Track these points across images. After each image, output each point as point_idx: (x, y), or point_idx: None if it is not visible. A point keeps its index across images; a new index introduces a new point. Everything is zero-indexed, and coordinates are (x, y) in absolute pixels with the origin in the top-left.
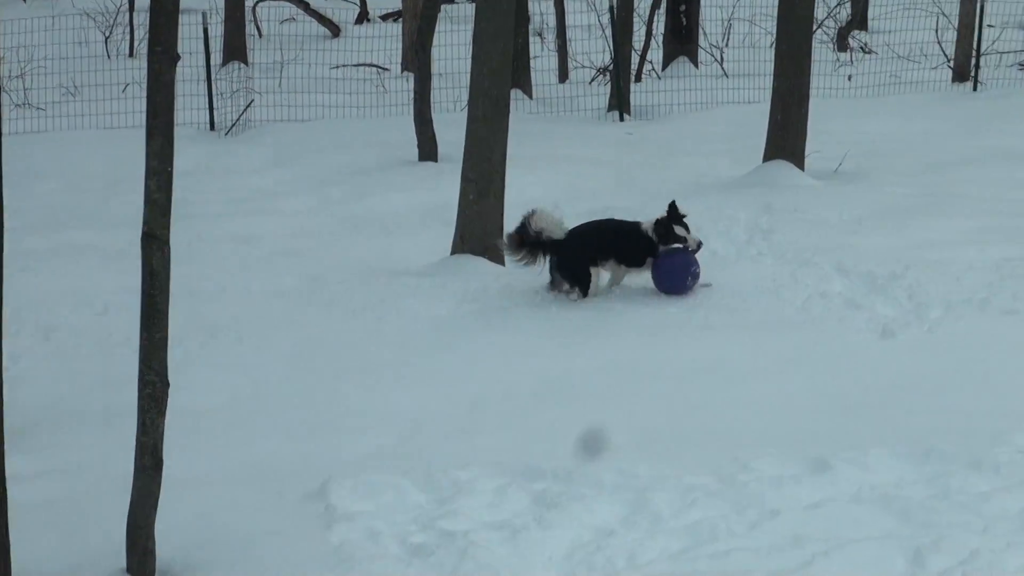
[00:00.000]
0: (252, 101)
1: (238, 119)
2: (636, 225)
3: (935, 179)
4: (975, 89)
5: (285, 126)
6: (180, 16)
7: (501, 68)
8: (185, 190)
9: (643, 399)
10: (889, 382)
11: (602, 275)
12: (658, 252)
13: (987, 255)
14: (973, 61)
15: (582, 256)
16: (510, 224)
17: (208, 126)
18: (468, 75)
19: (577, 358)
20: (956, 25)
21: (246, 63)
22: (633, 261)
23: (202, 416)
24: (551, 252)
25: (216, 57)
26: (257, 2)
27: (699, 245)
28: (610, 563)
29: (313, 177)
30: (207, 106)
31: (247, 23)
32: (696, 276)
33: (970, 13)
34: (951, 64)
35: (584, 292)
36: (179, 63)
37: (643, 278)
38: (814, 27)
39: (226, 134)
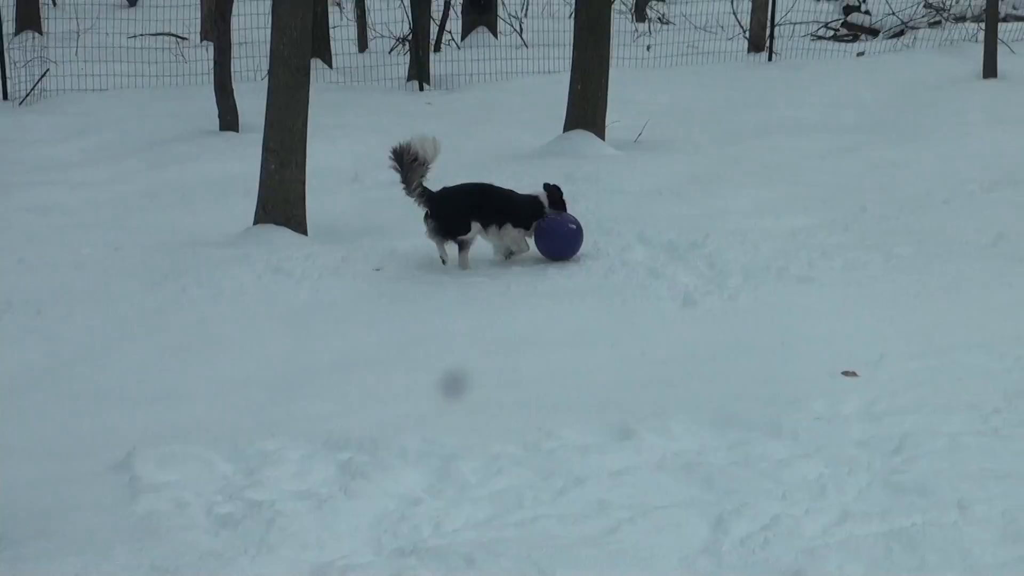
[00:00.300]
0: (47, 70)
1: (33, 88)
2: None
3: (733, 149)
4: (770, 59)
5: (82, 96)
6: None
7: (301, 38)
8: None
9: (448, 369)
10: (691, 350)
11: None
12: (545, 216)
13: (783, 224)
14: (768, 32)
15: (462, 213)
16: (312, 194)
17: (1, 96)
18: (267, 44)
19: (384, 329)
20: None
21: (40, 32)
22: (521, 222)
23: (2, 390)
24: (429, 209)
25: (8, 26)
26: None
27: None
28: (416, 531)
29: (112, 147)
30: None
31: None
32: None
33: None
34: (747, 35)
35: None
36: None
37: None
38: None
39: (20, 104)
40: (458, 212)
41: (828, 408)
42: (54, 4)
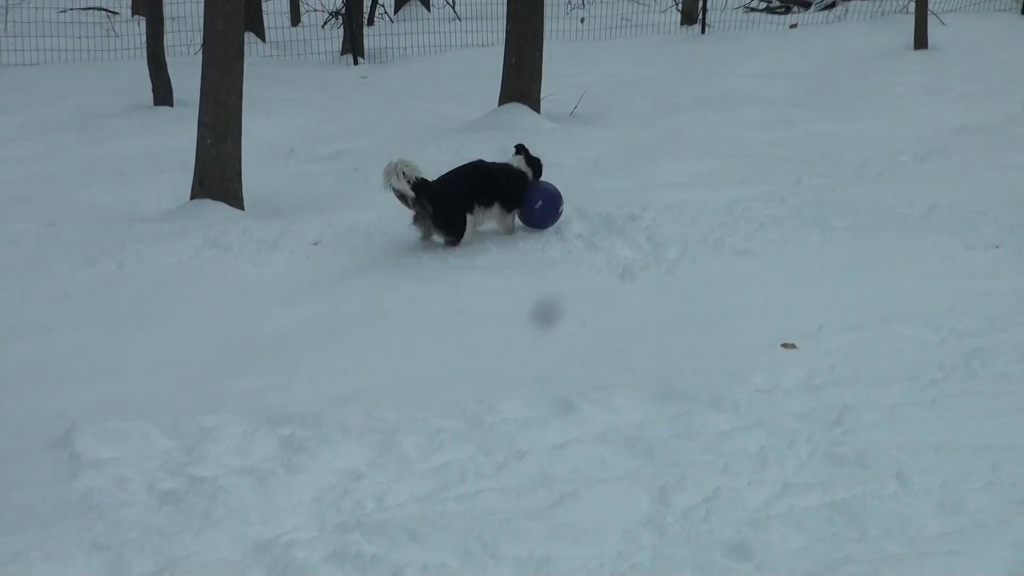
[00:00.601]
0: None
1: None
2: (507, 165)
3: (668, 121)
4: (703, 32)
5: (11, 70)
6: None
7: (234, 12)
8: None
9: (389, 343)
10: (631, 323)
11: (477, 222)
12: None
13: (720, 196)
14: (701, 4)
15: (459, 204)
16: (248, 169)
17: None
18: (200, 18)
19: (323, 304)
20: None
21: None
22: (515, 202)
23: None
24: (425, 200)
25: None
26: None
27: None
28: (359, 506)
29: (43, 122)
30: None
31: None
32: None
33: None
34: (679, 7)
35: (458, 240)
36: None
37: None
38: None
39: None
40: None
41: (768, 380)
42: None
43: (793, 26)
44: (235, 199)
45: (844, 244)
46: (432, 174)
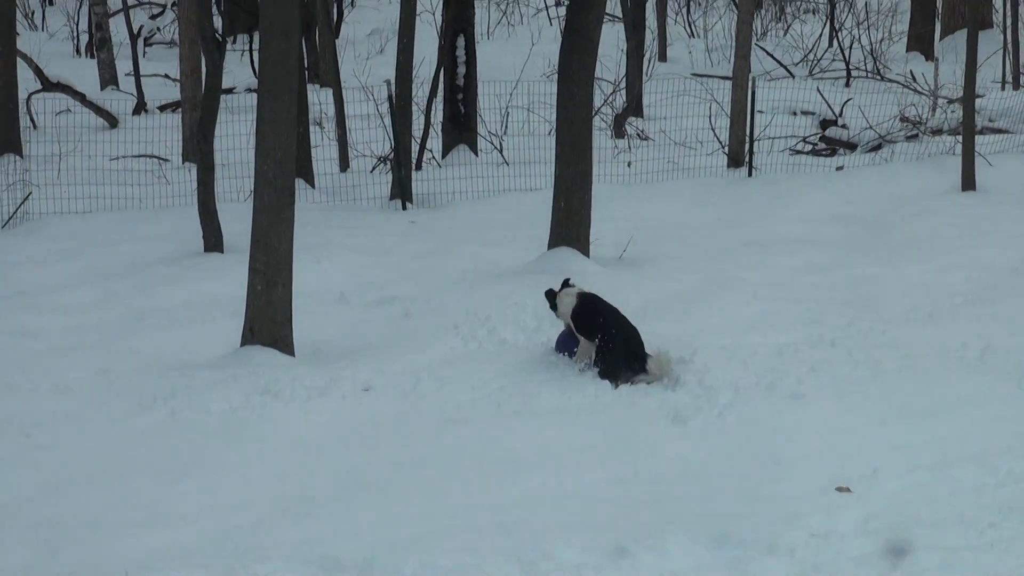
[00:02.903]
0: (30, 194)
1: (15, 212)
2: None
3: (716, 265)
4: (750, 175)
5: (65, 218)
6: None
7: (285, 158)
8: None
9: (444, 490)
10: (683, 468)
11: None
12: None
13: (770, 340)
14: (747, 147)
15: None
16: (298, 315)
17: None
18: (250, 164)
19: (376, 451)
20: (729, 112)
21: (21, 155)
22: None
23: None
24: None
25: None
26: (31, 94)
27: None
28: None
29: (96, 270)
30: None
31: (21, 115)
32: None
33: (741, 99)
34: (726, 150)
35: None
36: None
37: None
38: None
39: (3, 227)
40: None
41: (823, 525)
42: (34, 127)
43: (839, 168)
44: (286, 345)
45: (897, 387)
46: (482, 319)
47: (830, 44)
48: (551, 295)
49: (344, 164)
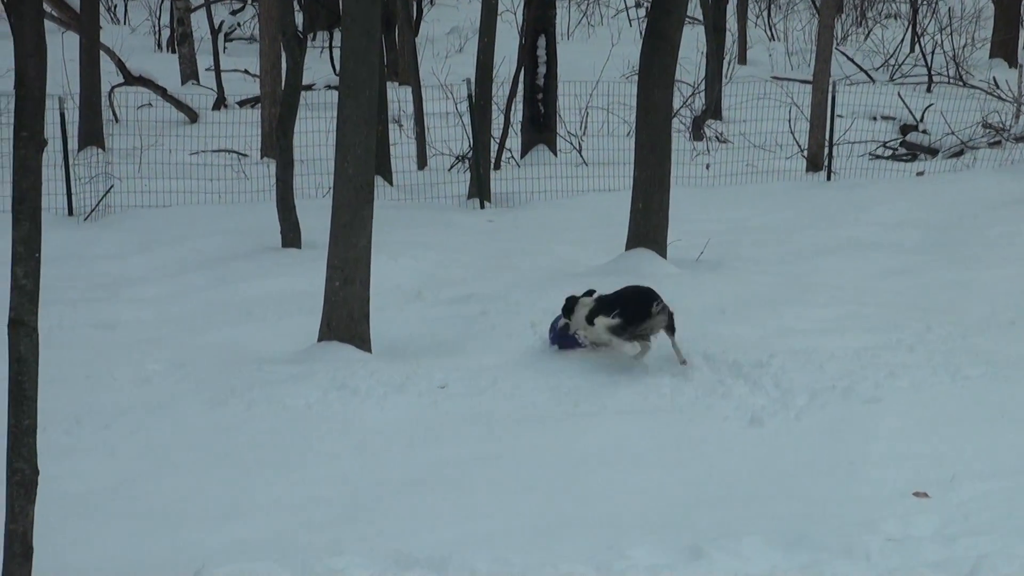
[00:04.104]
0: (112, 187)
1: (97, 205)
2: None
3: (793, 268)
4: (829, 179)
5: (145, 212)
6: None
7: (365, 155)
8: (43, 276)
9: (519, 488)
10: (759, 470)
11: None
12: None
13: (847, 343)
14: (826, 151)
15: None
16: (375, 311)
17: (66, 212)
18: (329, 161)
19: (451, 447)
20: (808, 115)
21: (103, 148)
22: None
23: (72, 504)
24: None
25: (73, 142)
26: (113, 88)
27: None
28: None
29: (175, 263)
30: (64, 191)
31: (104, 108)
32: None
33: (821, 103)
34: (805, 153)
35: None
36: None
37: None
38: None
39: (85, 220)
40: None
41: (900, 529)
42: (116, 121)
43: (920, 174)
44: (362, 341)
45: (976, 392)
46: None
47: (912, 49)
48: (571, 302)
49: (422, 162)
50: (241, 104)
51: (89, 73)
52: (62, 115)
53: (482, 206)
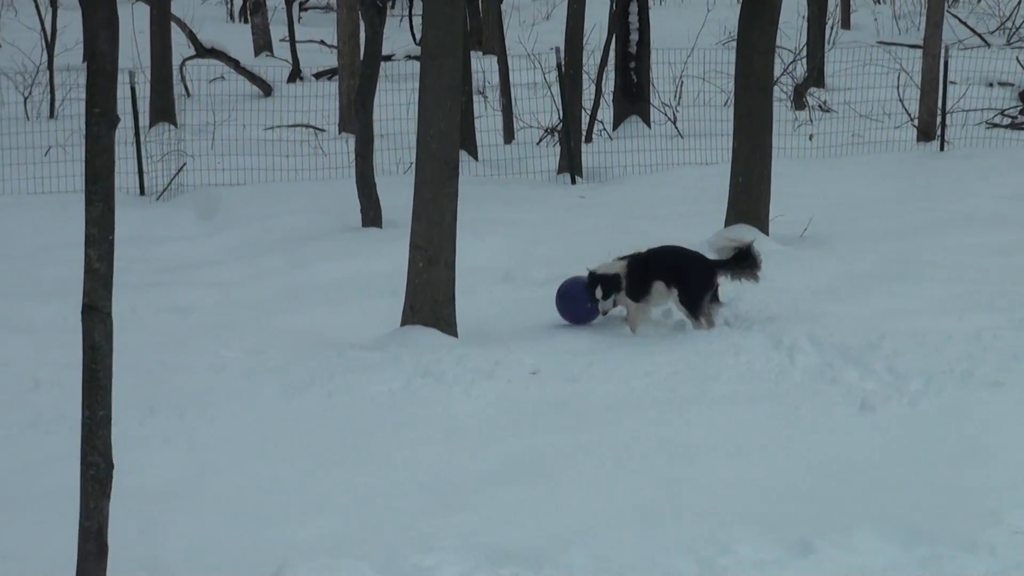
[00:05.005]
0: (184, 164)
1: (169, 183)
2: None
3: (904, 244)
4: (942, 149)
5: (218, 190)
6: None
7: (449, 129)
8: (117, 258)
9: (616, 479)
10: (872, 459)
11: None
12: None
13: (966, 324)
14: (939, 119)
15: None
16: (461, 293)
17: (138, 191)
18: (410, 135)
19: (544, 435)
20: (919, 82)
21: (175, 125)
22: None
23: (146, 498)
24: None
25: (143, 118)
26: (184, 61)
27: None
28: None
29: (250, 244)
30: (136, 170)
31: (175, 83)
32: None
33: (933, 69)
34: (915, 123)
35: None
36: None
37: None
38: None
39: (157, 199)
40: None
41: None
42: (188, 95)
43: None
44: (448, 325)
45: None
46: None
47: None
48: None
49: (509, 135)
50: (317, 76)
51: (160, 45)
52: (132, 90)
53: (573, 181)
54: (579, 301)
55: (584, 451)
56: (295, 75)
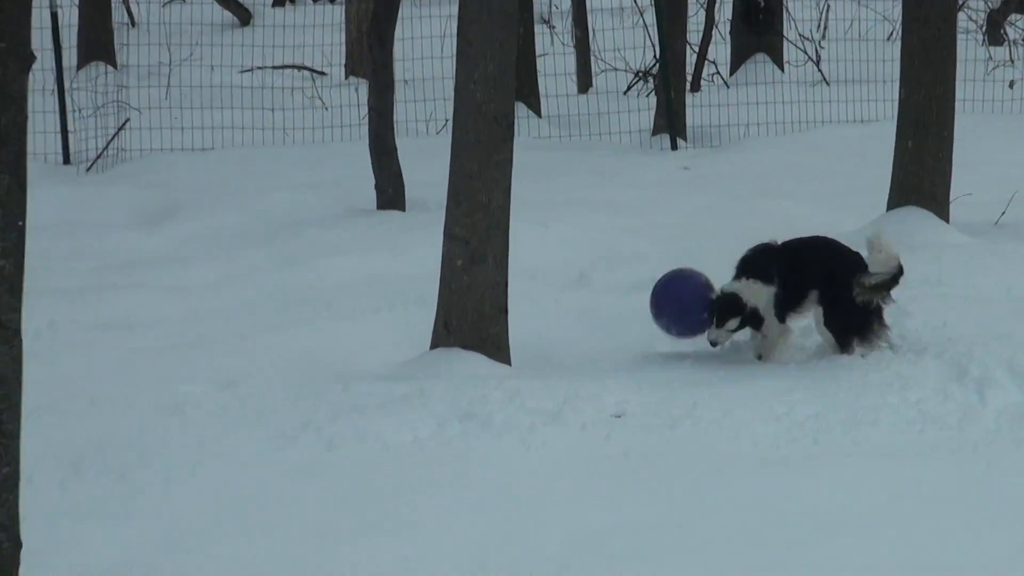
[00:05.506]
0: (127, 121)
1: (105, 148)
2: None
3: None
4: None
5: (177, 157)
6: None
7: (500, 74)
8: (30, 254)
9: (726, 560)
10: None
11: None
12: None
13: None
14: None
15: None
16: (516, 303)
17: (61, 158)
18: (446, 82)
19: (630, 505)
20: None
21: (114, 65)
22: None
23: None
24: None
25: (70, 56)
26: None
27: None
28: None
29: (223, 235)
30: (58, 129)
31: (114, 7)
32: None
33: None
34: None
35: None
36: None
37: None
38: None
39: (88, 170)
40: None
41: None
42: (132, 24)
43: None
44: (498, 348)
45: None
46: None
47: None
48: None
49: (585, 83)
50: None
51: None
52: (54, 16)
53: (673, 146)
54: (688, 304)
55: (686, 527)
56: None
